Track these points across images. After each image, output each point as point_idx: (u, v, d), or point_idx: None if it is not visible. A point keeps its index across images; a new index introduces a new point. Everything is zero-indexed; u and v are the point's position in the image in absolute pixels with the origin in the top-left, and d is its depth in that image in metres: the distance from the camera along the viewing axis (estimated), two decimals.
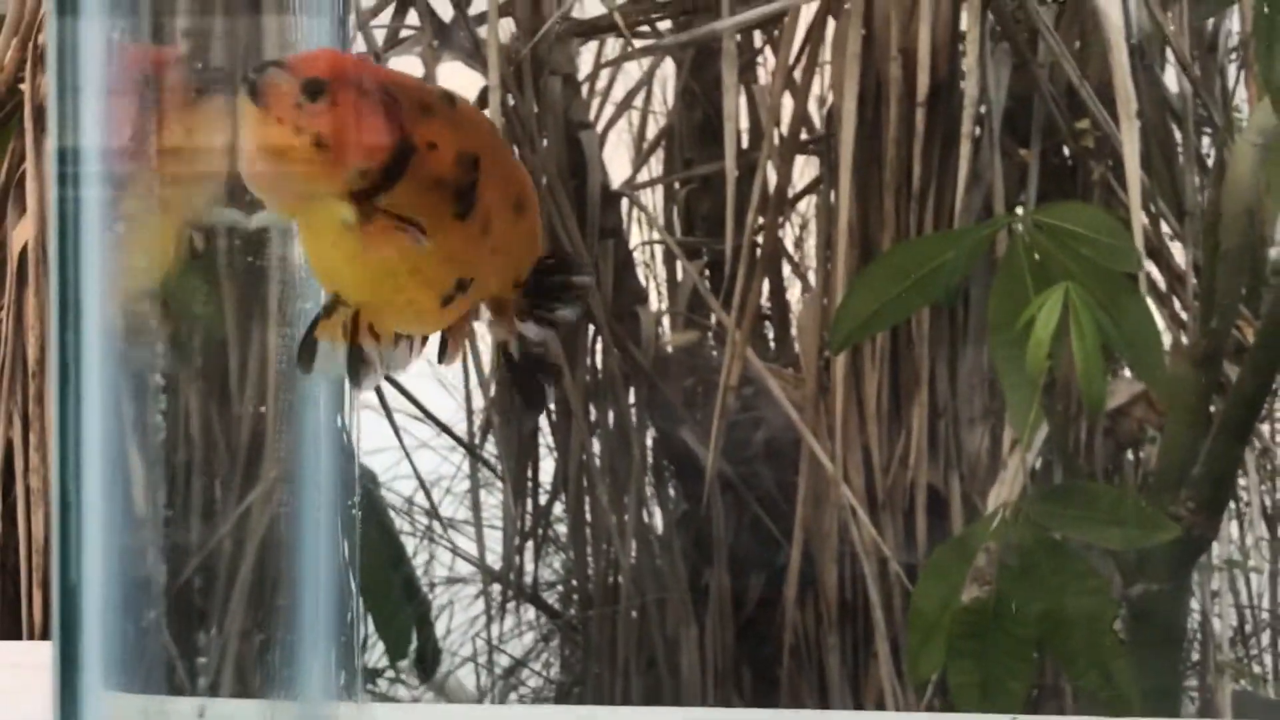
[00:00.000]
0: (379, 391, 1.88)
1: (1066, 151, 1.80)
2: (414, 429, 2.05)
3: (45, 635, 1.37)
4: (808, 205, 2.08)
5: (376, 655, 1.93)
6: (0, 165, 1.41)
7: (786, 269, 2.09)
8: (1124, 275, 1.27)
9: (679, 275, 2.07)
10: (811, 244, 2.10)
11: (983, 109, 1.72)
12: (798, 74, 1.86)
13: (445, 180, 0.68)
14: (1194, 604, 1.75)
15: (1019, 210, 1.64)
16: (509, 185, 0.71)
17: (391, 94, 0.67)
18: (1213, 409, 1.42)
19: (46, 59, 0.75)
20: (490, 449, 2.04)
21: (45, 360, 1.37)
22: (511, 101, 1.79)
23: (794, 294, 2.14)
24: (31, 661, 1.14)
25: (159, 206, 0.81)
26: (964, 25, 1.73)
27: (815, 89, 1.91)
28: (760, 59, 2.05)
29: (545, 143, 1.84)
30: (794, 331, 2.00)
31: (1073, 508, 1.22)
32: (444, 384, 2.14)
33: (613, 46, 1.98)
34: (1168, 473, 1.35)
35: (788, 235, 2.10)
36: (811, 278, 2.02)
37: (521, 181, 0.72)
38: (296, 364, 0.70)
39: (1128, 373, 1.71)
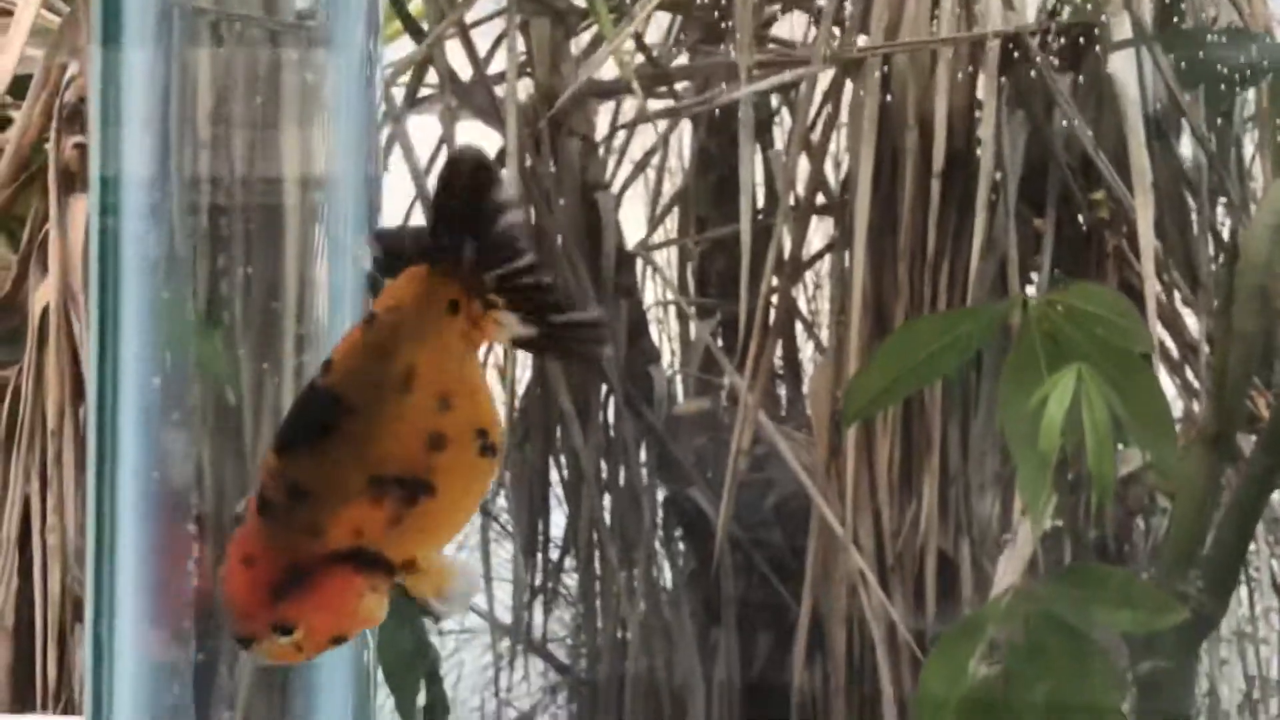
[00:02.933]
0: None
1: (1081, 219, 1.80)
2: None
3: (58, 701, 1.38)
4: (821, 262, 2.08)
5: (386, 711, 1.93)
6: (24, 226, 1.42)
7: (799, 325, 2.10)
8: (1137, 355, 1.27)
9: (693, 333, 2.08)
10: (824, 301, 2.10)
11: (998, 175, 1.73)
12: (814, 136, 1.87)
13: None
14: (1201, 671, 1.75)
15: (1030, 289, 1.64)
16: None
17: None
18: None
19: (89, 89, 0.74)
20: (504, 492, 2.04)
21: (63, 424, 1.38)
22: (529, 162, 1.80)
23: (807, 353, 2.14)
24: None
25: None
26: (980, 92, 1.74)
27: (832, 147, 1.91)
28: (777, 119, 2.06)
29: (562, 203, 1.85)
30: (806, 390, 2.01)
31: (1082, 590, 1.22)
32: None
33: (630, 105, 1.98)
34: (1177, 551, 1.35)
35: (801, 292, 2.11)
36: (824, 336, 2.02)
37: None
38: None
39: None
